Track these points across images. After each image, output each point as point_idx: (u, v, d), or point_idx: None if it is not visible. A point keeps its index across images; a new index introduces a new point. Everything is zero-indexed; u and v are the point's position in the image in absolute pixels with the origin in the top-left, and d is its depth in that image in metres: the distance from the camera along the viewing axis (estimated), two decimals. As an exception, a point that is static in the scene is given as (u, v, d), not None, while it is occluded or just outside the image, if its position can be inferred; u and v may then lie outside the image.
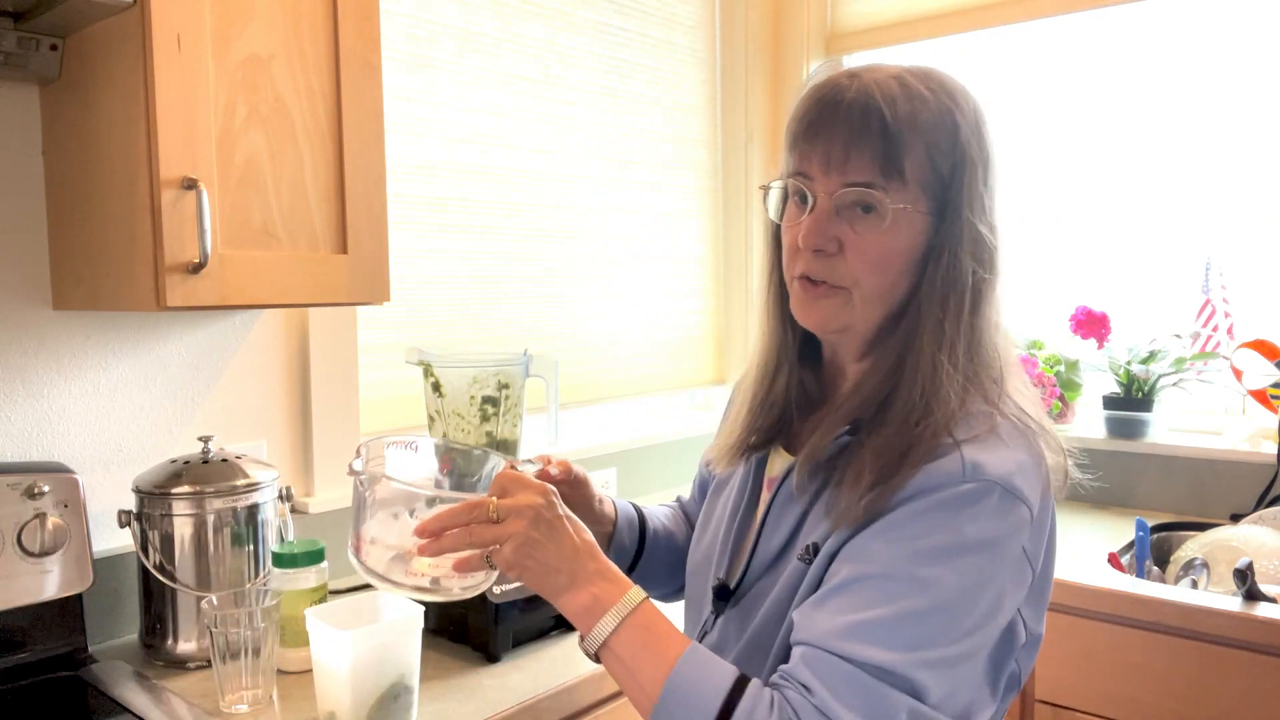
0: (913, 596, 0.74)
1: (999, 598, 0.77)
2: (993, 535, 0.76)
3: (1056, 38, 2.28)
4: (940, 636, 0.74)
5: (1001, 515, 0.76)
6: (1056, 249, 2.31)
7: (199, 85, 1.12)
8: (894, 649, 0.73)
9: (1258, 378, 1.94)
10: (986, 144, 0.85)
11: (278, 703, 1.17)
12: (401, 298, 1.80)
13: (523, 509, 0.82)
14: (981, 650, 0.78)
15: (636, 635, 0.79)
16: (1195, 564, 1.66)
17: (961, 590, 0.75)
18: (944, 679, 0.75)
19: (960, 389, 0.81)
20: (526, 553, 0.81)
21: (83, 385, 1.37)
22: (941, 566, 0.75)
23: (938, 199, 0.83)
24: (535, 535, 0.81)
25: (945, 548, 0.75)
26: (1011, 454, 0.79)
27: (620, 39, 2.24)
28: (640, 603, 0.81)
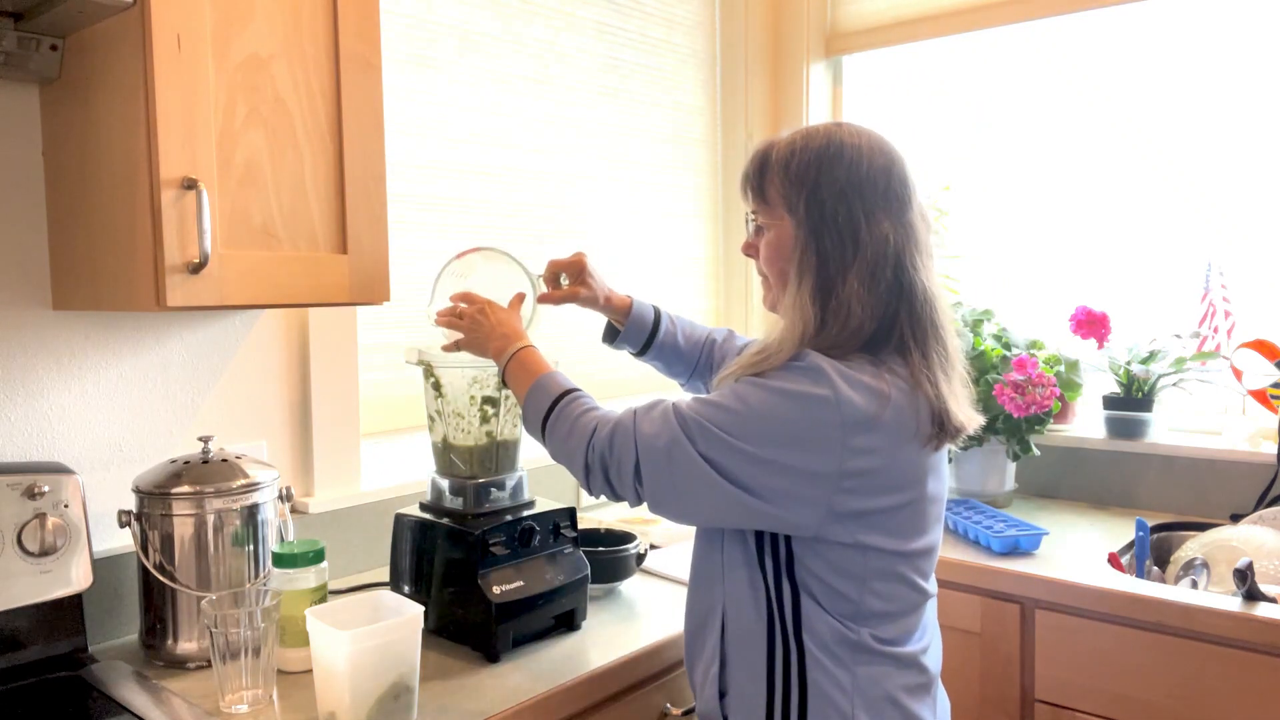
0: (729, 399, 1.06)
1: (783, 438, 1.02)
2: (795, 390, 1.03)
3: (1057, 38, 2.28)
4: (724, 422, 1.05)
5: (808, 382, 1.03)
6: (1057, 249, 2.31)
7: (199, 85, 1.12)
8: (696, 412, 1.07)
9: (1258, 378, 1.94)
10: (837, 169, 1.09)
11: (278, 703, 1.17)
12: (401, 298, 1.80)
13: (463, 312, 1.34)
14: (759, 462, 1.03)
15: (519, 366, 1.25)
16: (1195, 564, 1.66)
17: (754, 411, 1.04)
18: (713, 446, 1.04)
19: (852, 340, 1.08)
20: (467, 334, 1.33)
21: (83, 385, 1.37)
22: (758, 392, 1.05)
23: (795, 210, 1.11)
24: (470, 325, 1.33)
25: (765, 385, 1.05)
26: (847, 369, 1.04)
27: (620, 39, 2.24)
28: (516, 351, 1.27)
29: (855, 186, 1.08)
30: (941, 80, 2.47)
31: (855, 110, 2.60)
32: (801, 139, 1.13)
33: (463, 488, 1.39)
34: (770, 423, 1.03)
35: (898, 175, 1.11)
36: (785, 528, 1.05)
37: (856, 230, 1.08)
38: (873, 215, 1.08)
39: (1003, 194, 2.38)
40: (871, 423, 1.02)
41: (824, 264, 1.08)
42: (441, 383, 1.41)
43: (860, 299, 1.07)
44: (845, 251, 1.08)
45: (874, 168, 1.09)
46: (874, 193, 1.08)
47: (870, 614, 1.08)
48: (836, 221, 1.08)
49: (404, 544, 1.42)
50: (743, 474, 1.03)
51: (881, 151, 1.11)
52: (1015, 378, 1.90)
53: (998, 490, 2.06)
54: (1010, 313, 2.20)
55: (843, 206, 1.08)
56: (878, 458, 1.03)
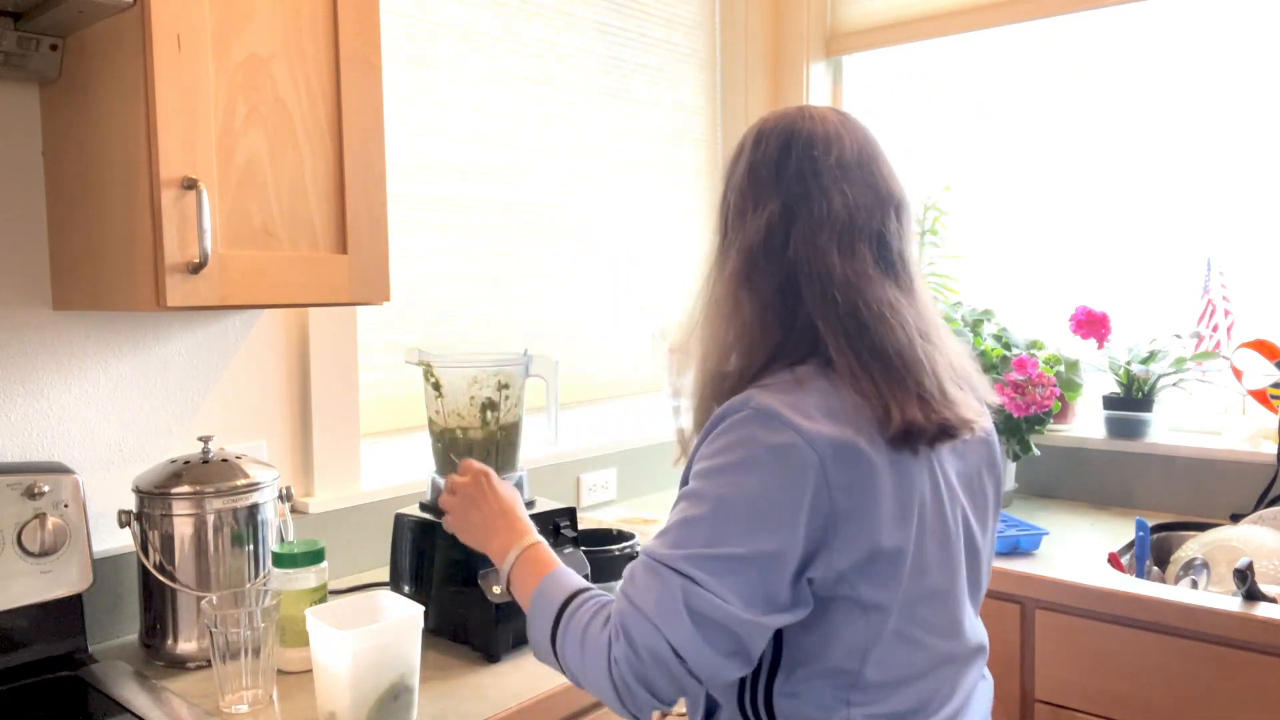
0: (692, 508, 0.89)
1: (775, 514, 0.86)
2: (757, 457, 0.87)
3: (1057, 38, 2.28)
4: (709, 539, 0.87)
5: (764, 439, 0.87)
6: (1057, 249, 2.31)
7: (199, 85, 1.12)
8: (674, 546, 0.88)
9: (1258, 378, 1.94)
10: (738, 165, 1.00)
11: (278, 703, 1.17)
12: (401, 298, 1.80)
13: (463, 489, 1.15)
14: (770, 556, 0.86)
15: (524, 567, 1.03)
16: (1195, 564, 1.66)
17: (728, 502, 0.87)
18: (718, 574, 0.85)
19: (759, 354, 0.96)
20: (459, 522, 1.15)
21: (83, 385, 1.37)
22: (712, 481, 0.89)
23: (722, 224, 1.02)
24: (465, 509, 1.14)
25: (720, 467, 0.89)
26: (791, 396, 0.89)
27: (620, 39, 2.24)
28: (530, 545, 1.05)
29: (749, 171, 0.98)
30: (941, 80, 2.47)
31: (855, 110, 2.59)
32: (740, 143, 1.04)
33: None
34: (743, 507, 0.86)
35: (800, 143, 0.96)
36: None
37: (743, 222, 0.97)
38: (760, 199, 0.96)
39: (1003, 194, 2.38)
40: (847, 449, 0.87)
41: (723, 266, 0.99)
42: (441, 383, 1.41)
43: (751, 302, 0.96)
44: (730, 252, 0.98)
45: (770, 145, 0.98)
46: (763, 174, 0.97)
47: (859, 684, 0.92)
48: (730, 215, 0.99)
49: (404, 544, 1.42)
50: (752, 584, 0.86)
51: (788, 124, 0.98)
52: (1015, 378, 1.90)
53: (998, 490, 2.05)
54: (1010, 313, 2.20)
55: (736, 196, 0.99)
56: (862, 485, 0.88)
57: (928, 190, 2.31)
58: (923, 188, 2.33)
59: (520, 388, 1.44)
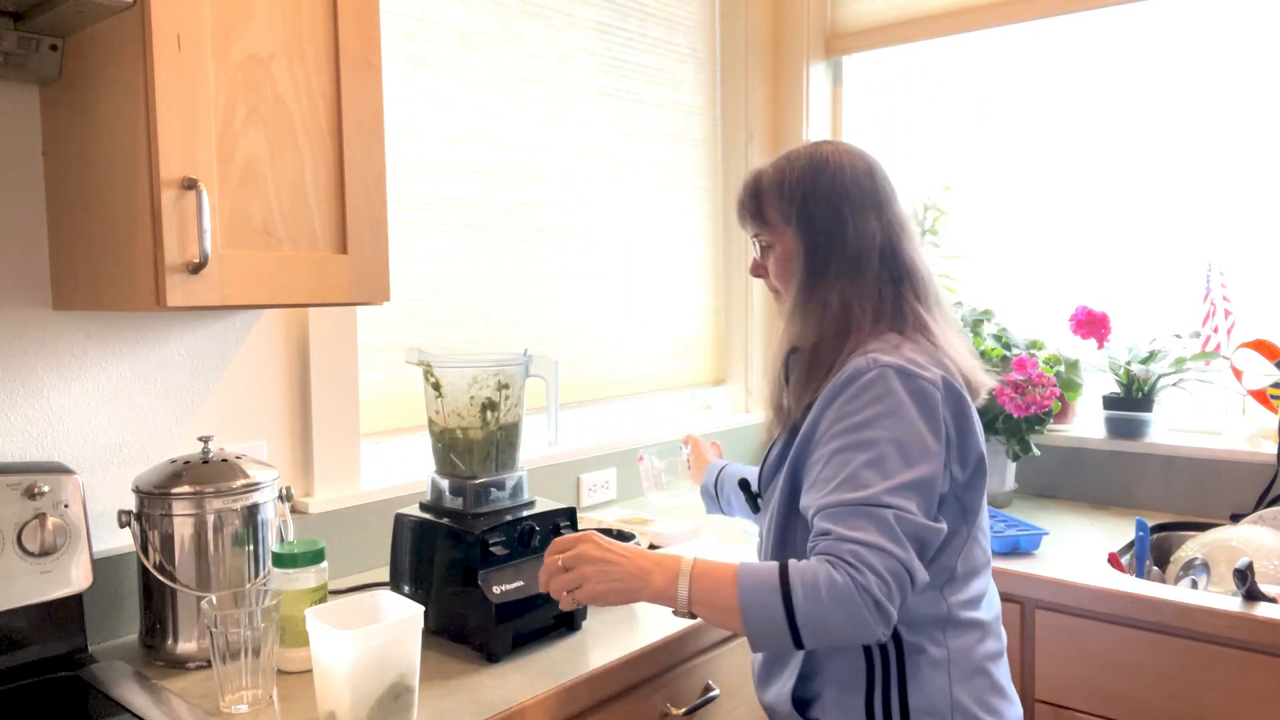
0: (861, 453, 1.09)
1: (927, 441, 1.11)
2: (901, 400, 1.11)
3: (1057, 38, 2.28)
4: (890, 473, 1.08)
5: (903, 387, 1.11)
6: (1057, 249, 2.31)
7: (199, 85, 1.12)
8: (865, 487, 1.07)
9: (1258, 378, 1.94)
10: (822, 180, 1.24)
11: (278, 703, 1.17)
12: (401, 298, 1.80)
13: (582, 555, 1.14)
14: (930, 479, 1.10)
15: (703, 584, 1.09)
16: (1195, 564, 1.66)
17: (892, 442, 1.09)
18: (907, 497, 1.07)
19: (850, 328, 1.20)
20: (601, 583, 1.13)
21: (83, 385, 1.37)
22: (873, 429, 1.10)
23: (795, 223, 1.26)
24: (600, 569, 1.13)
25: (872, 418, 1.11)
26: (905, 352, 1.15)
27: (620, 39, 2.24)
28: (693, 562, 1.11)
29: (841, 193, 1.23)
30: (941, 80, 2.47)
31: (855, 110, 2.60)
32: (786, 162, 1.28)
33: (463, 488, 1.39)
34: (907, 441, 1.10)
35: (880, 176, 1.27)
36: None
37: (845, 230, 1.23)
38: (859, 215, 1.23)
39: (1003, 194, 2.38)
40: (947, 388, 1.14)
41: (825, 264, 1.23)
42: (441, 383, 1.41)
43: (858, 286, 1.22)
44: (840, 251, 1.23)
45: (856, 172, 1.25)
46: (859, 194, 1.24)
47: (953, 577, 1.17)
48: (829, 226, 1.23)
49: (404, 544, 1.42)
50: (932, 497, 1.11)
51: (861, 158, 1.27)
52: (1015, 378, 1.90)
53: (998, 490, 2.06)
54: (1010, 313, 2.20)
55: (832, 212, 1.23)
56: (959, 417, 1.16)
57: (928, 190, 2.31)
58: (923, 188, 2.33)
59: (520, 388, 1.44)
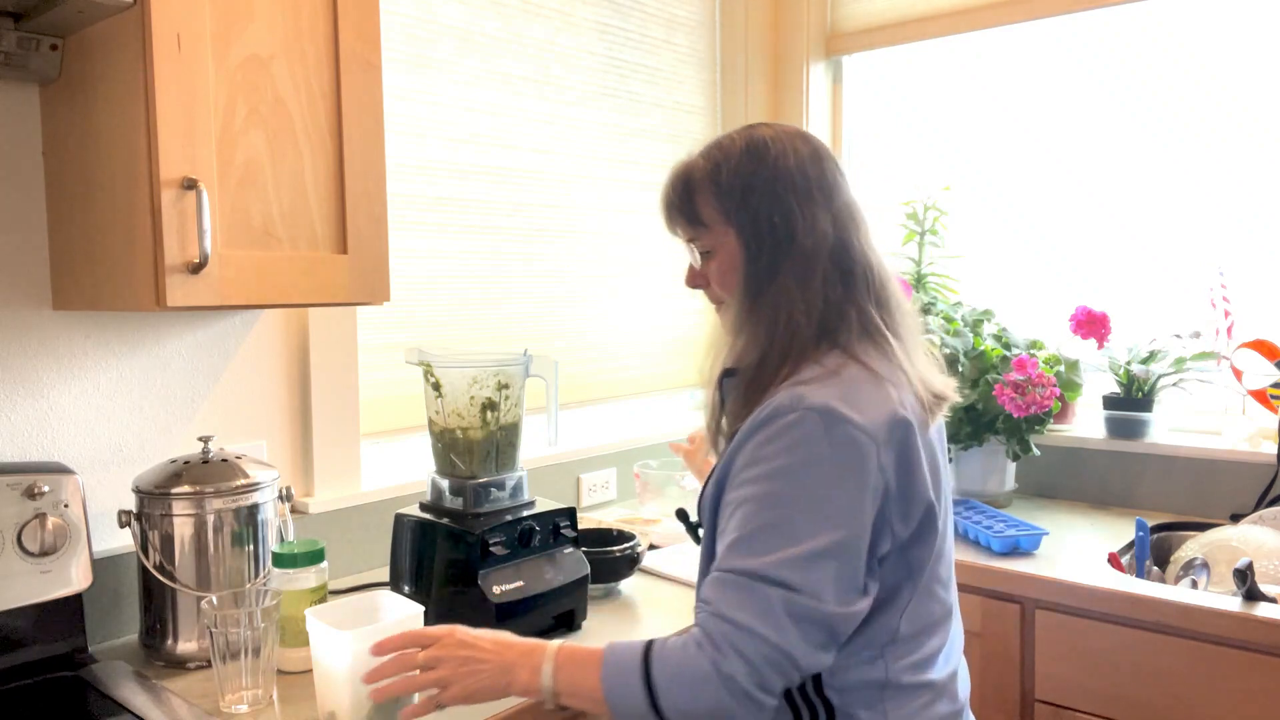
0: (765, 512, 0.94)
1: (847, 503, 0.94)
2: (821, 453, 0.94)
3: (1057, 37, 2.28)
4: (793, 540, 0.93)
5: (826, 436, 0.94)
6: (1057, 249, 2.31)
7: (199, 85, 1.12)
8: (758, 555, 0.93)
9: (1258, 378, 1.94)
10: (764, 168, 1.05)
11: (278, 703, 1.17)
12: (401, 298, 1.80)
13: (443, 656, 1.00)
14: (845, 548, 0.94)
15: (567, 673, 0.98)
16: (1195, 564, 1.66)
17: (802, 502, 0.93)
18: (807, 572, 0.92)
19: (792, 347, 1.03)
20: (469, 681, 0.99)
21: (83, 385, 1.37)
22: (783, 483, 0.94)
23: (735, 221, 1.07)
24: (467, 668, 0.99)
25: (784, 469, 0.95)
26: (837, 389, 0.97)
27: (620, 39, 2.24)
28: (557, 649, 1.00)
29: (786, 181, 1.05)
30: (941, 80, 2.47)
31: (855, 110, 2.60)
32: (720, 150, 1.09)
33: (463, 488, 1.39)
34: (816, 502, 0.93)
35: (827, 160, 1.08)
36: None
37: (793, 225, 1.04)
38: (807, 206, 1.04)
39: (1003, 194, 2.38)
40: (892, 429, 0.96)
41: (772, 269, 1.04)
42: (441, 383, 1.41)
43: (805, 294, 1.03)
44: (786, 251, 1.04)
45: (801, 157, 1.06)
46: (806, 183, 1.05)
47: (895, 639, 1.01)
48: (773, 222, 1.04)
49: (404, 544, 1.42)
50: (842, 576, 0.93)
51: (805, 141, 1.08)
52: (1015, 378, 1.90)
53: (998, 490, 2.05)
54: (1010, 313, 2.20)
55: (777, 204, 1.04)
56: (906, 460, 0.98)
57: (928, 190, 2.31)
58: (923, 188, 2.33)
59: (520, 388, 1.44)
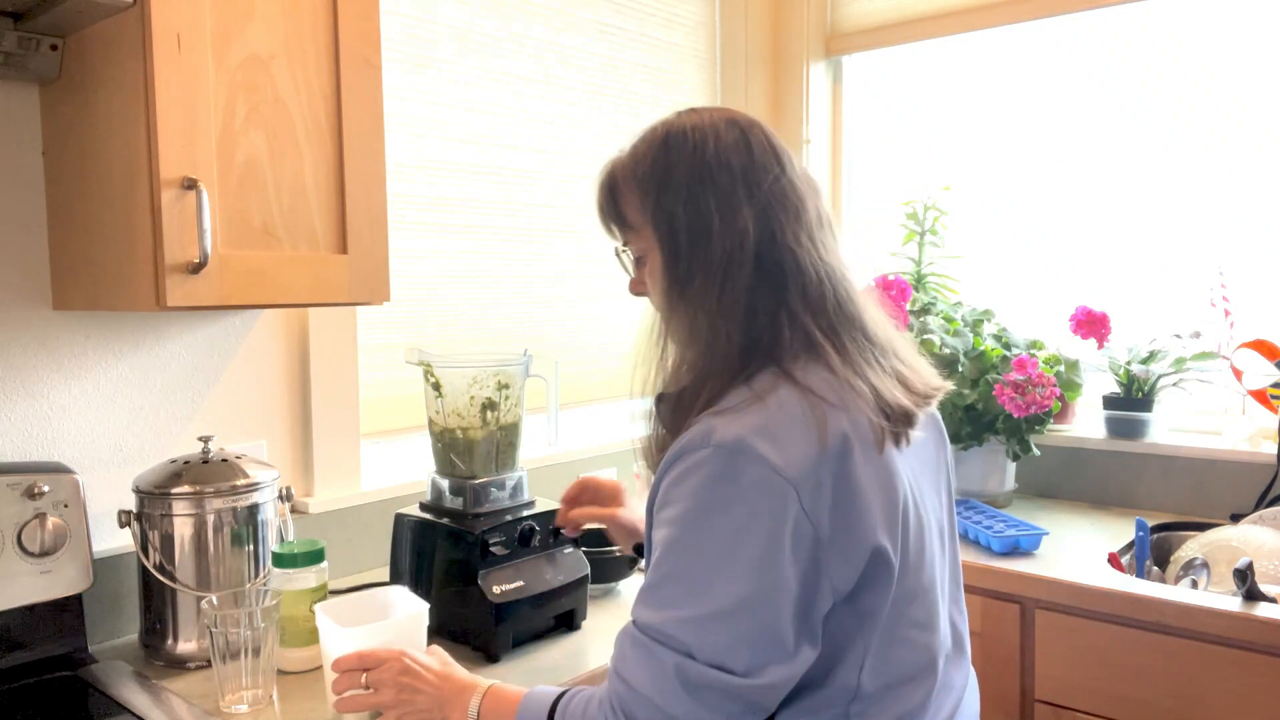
0: (668, 561, 0.84)
1: (758, 555, 0.80)
2: (729, 497, 0.81)
3: (1057, 37, 2.28)
4: (693, 596, 0.82)
5: (734, 478, 0.81)
6: (1057, 249, 2.31)
7: (199, 85, 1.12)
8: (658, 610, 0.84)
9: (1258, 378, 1.94)
10: (686, 163, 0.93)
11: (278, 703, 1.17)
12: (401, 298, 1.80)
13: (385, 680, 1.02)
14: (755, 606, 0.81)
15: (488, 714, 0.97)
16: (1195, 564, 1.66)
17: (706, 552, 0.82)
18: (708, 634, 0.81)
19: (713, 365, 0.90)
20: (404, 711, 1.01)
21: (83, 385, 1.37)
22: (691, 529, 0.83)
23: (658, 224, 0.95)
24: (405, 697, 1.01)
25: (688, 514, 0.83)
26: (757, 419, 0.83)
27: (620, 39, 2.24)
28: (486, 689, 0.99)
29: (705, 175, 0.92)
30: (941, 80, 2.46)
31: (855, 110, 2.60)
32: (642, 143, 0.99)
33: (463, 488, 1.39)
34: (722, 554, 0.81)
35: (759, 146, 0.93)
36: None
37: (708, 226, 0.91)
38: (726, 203, 0.91)
39: (1003, 194, 2.38)
40: (823, 466, 0.82)
41: (688, 275, 0.91)
42: (441, 383, 1.41)
43: (725, 303, 0.90)
44: (702, 254, 0.91)
45: (724, 146, 0.92)
46: (729, 176, 0.91)
47: (858, 695, 0.88)
48: (687, 221, 0.92)
49: (404, 544, 1.42)
50: (747, 637, 0.82)
51: (732, 126, 0.94)
52: (1015, 378, 1.90)
53: (998, 490, 2.05)
54: (1010, 313, 2.19)
55: (690, 202, 0.92)
56: (844, 498, 0.83)
57: (928, 190, 2.31)
58: (923, 188, 2.33)
59: (520, 388, 1.44)
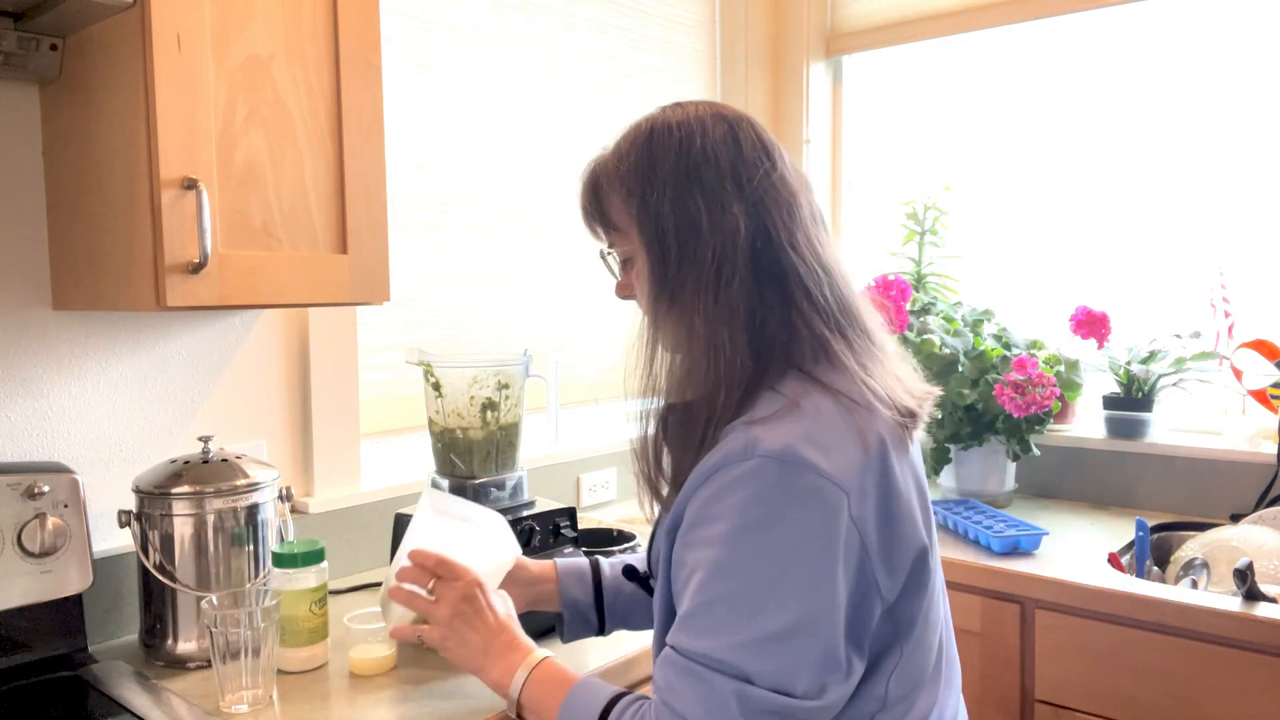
0: (717, 583, 0.79)
1: (813, 570, 0.77)
2: (780, 510, 0.78)
3: (1057, 37, 2.28)
4: (749, 619, 0.77)
5: (786, 488, 0.78)
6: (1057, 249, 2.31)
7: (199, 85, 1.12)
8: (709, 636, 0.78)
9: (1258, 378, 1.94)
10: (672, 159, 0.89)
11: (278, 703, 1.17)
12: (401, 298, 1.80)
13: (449, 599, 1.01)
14: (814, 624, 0.78)
15: (538, 688, 0.94)
16: (1195, 564, 1.66)
17: (759, 570, 0.77)
18: (767, 658, 0.77)
19: (727, 372, 0.85)
20: (448, 641, 1.01)
21: (83, 385, 1.37)
22: (738, 548, 0.78)
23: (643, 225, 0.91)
24: (456, 631, 1.00)
25: (739, 529, 0.78)
26: (799, 426, 0.80)
27: (620, 39, 2.24)
28: (540, 661, 0.96)
29: (690, 173, 0.88)
30: (941, 80, 2.46)
31: (855, 110, 2.60)
32: (625, 139, 0.94)
33: (463, 488, 1.39)
34: (777, 572, 0.77)
35: (748, 141, 0.90)
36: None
37: (697, 224, 0.87)
38: (714, 199, 0.87)
39: (1003, 194, 2.38)
40: (868, 473, 0.81)
41: (680, 279, 0.87)
42: (441, 383, 1.41)
43: (723, 306, 0.86)
44: (692, 255, 0.87)
45: (711, 140, 0.89)
46: (716, 172, 0.88)
47: (885, 705, 0.86)
48: (676, 221, 0.88)
49: (404, 544, 1.42)
50: (809, 659, 0.78)
51: (720, 120, 0.90)
52: (1015, 378, 1.90)
53: (998, 490, 2.05)
54: (1010, 313, 2.20)
55: (678, 200, 0.88)
56: (887, 504, 0.82)
57: (928, 190, 2.31)
58: (923, 188, 2.33)
59: (520, 388, 1.44)
